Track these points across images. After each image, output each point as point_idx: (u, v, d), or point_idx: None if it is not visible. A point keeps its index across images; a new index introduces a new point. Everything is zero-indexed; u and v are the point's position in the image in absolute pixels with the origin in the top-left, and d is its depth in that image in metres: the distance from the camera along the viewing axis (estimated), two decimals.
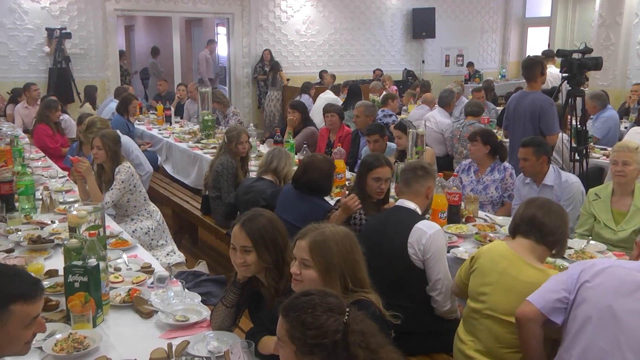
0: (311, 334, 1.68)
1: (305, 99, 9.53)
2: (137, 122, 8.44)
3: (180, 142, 7.23)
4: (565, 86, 5.46)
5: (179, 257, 4.50)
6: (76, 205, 3.93)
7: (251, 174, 5.12)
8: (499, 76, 14.50)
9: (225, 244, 5.13)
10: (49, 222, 3.87)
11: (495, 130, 6.25)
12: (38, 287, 1.89)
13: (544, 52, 10.00)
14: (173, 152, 7.33)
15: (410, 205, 3.16)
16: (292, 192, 3.96)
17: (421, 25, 13.85)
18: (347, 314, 1.72)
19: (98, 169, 4.50)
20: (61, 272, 2.68)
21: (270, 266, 2.41)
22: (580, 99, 5.61)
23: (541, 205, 2.64)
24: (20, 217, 3.91)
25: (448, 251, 3.27)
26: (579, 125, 5.49)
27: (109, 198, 4.31)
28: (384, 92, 9.21)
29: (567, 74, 5.28)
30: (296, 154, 5.83)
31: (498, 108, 9.27)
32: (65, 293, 2.53)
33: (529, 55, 6.53)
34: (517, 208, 2.81)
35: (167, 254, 4.48)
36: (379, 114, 7.31)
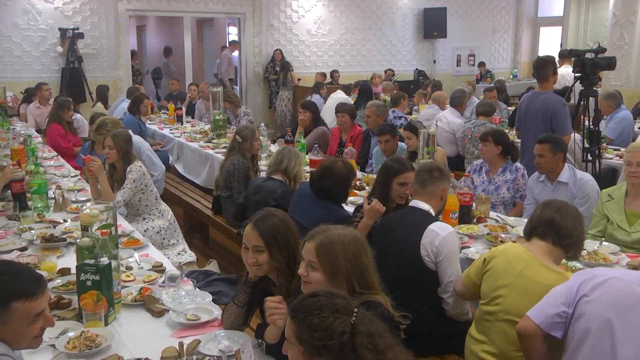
0: (318, 335, 1.67)
1: (316, 98, 9.53)
2: (149, 121, 8.48)
3: (192, 141, 7.25)
4: (578, 86, 5.42)
5: (190, 256, 4.51)
6: (88, 204, 3.95)
7: (261, 174, 5.14)
8: (511, 76, 14.43)
9: (236, 243, 5.13)
10: (62, 221, 3.90)
11: (507, 131, 6.22)
12: (39, 283, 1.88)
13: (560, 53, 9.93)
14: (184, 151, 7.35)
15: (424, 206, 3.14)
16: (308, 194, 3.92)
17: (432, 25, 13.81)
18: (354, 315, 1.72)
19: (110, 169, 4.51)
20: (73, 271, 2.70)
21: (282, 266, 2.41)
22: (593, 99, 5.57)
23: (558, 208, 2.62)
24: (33, 215, 3.94)
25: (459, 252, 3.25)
26: (591, 126, 5.45)
27: (120, 197, 4.33)
28: (379, 92, 9.06)
29: (580, 74, 5.24)
30: (307, 153, 5.83)
31: (510, 108, 9.22)
32: (78, 291, 2.54)
33: (540, 55, 6.49)
34: (532, 210, 2.78)
35: (178, 253, 4.49)
36: (390, 115, 7.29)
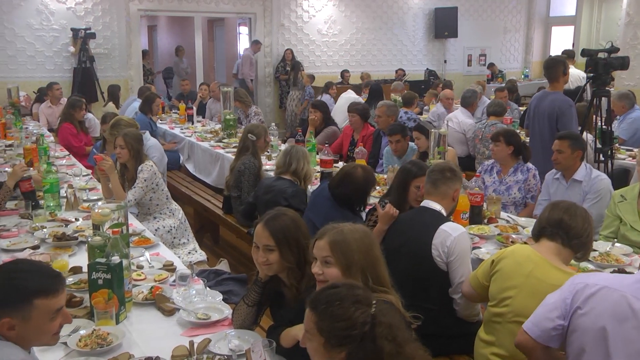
0: (340, 325, 1.69)
1: (326, 98, 9.53)
2: (160, 121, 8.51)
3: (202, 141, 7.27)
4: (591, 86, 5.39)
5: (201, 255, 4.52)
6: (100, 203, 3.97)
7: (269, 173, 5.15)
8: (522, 76, 14.35)
9: (247, 242, 5.14)
10: (73, 220, 3.92)
11: (518, 131, 6.19)
12: (59, 280, 1.94)
13: (565, 52, 9.87)
14: (195, 151, 7.37)
15: (436, 206, 3.13)
16: (327, 195, 3.92)
17: (443, 24, 13.76)
18: (374, 306, 1.73)
19: (121, 168, 4.54)
20: (85, 269, 2.71)
21: (292, 265, 2.42)
22: (605, 99, 5.53)
23: (567, 209, 2.61)
24: (45, 214, 3.96)
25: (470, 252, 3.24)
26: (604, 126, 5.41)
27: (131, 196, 4.34)
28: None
29: (593, 74, 5.21)
30: (317, 153, 5.82)
31: (521, 108, 9.17)
32: (89, 290, 2.56)
33: (551, 55, 6.45)
34: (541, 211, 2.76)
35: (189, 253, 4.51)
36: (402, 116, 7.27)
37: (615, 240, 3.69)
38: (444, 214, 3.15)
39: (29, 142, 5.76)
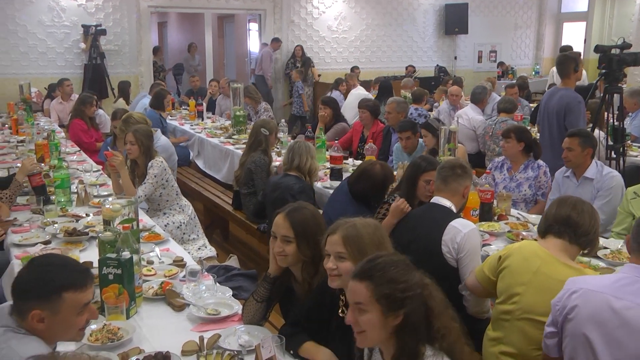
0: (400, 287, 1.76)
1: (336, 94, 9.51)
2: (170, 117, 8.54)
3: (212, 137, 7.28)
4: (602, 82, 5.35)
5: (210, 251, 4.53)
6: (110, 198, 3.99)
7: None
8: (533, 73, 14.26)
9: (256, 239, 5.16)
10: (84, 215, 3.95)
11: (529, 128, 6.16)
12: (87, 275, 1.98)
13: (561, 48, 9.86)
14: (205, 147, 7.39)
15: (446, 203, 3.13)
16: (345, 191, 3.97)
17: (454, 21, 13.70)
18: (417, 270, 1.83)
19: (131, 164, 4.55)
20: (96, 264, 2.72)
21: (307, 260, 2.42)
22: (617, 95, 5.49)
23: (574, 205, 2.59)
24: (56, 209, 3.99)
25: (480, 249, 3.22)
26: (615, 123, 5.37)
27: (141, 192, 4.36)
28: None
29: (605, 70, 5.17)
30: (327, 150, 5.82)
31: (532, 105, 9.12)
32: (100, 285, 2.57)
33: (563, 52, 6.42)
34: (547, 208, 2.75)
35: (199, 248, 4.52)
36: (413, 113, 7.25)
37: None
38: (454, 210, 3.14)
39: (40, 138, 5.80)
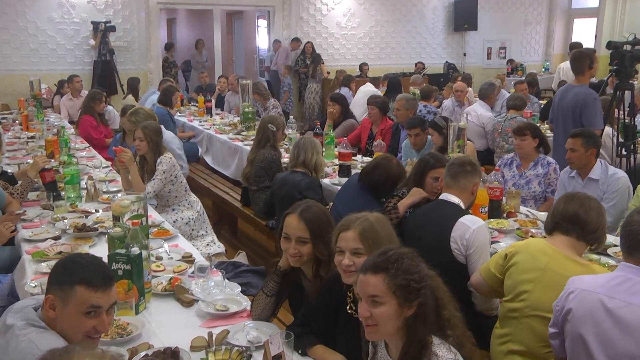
0: (415, 278, 1.81)
1: (345, 91, 9.50)
2: (179, 113, 8.56)
3: (221, 133, 7.29)
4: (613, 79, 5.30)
5: (219, 247, 4.54)
6: (119, 194, 4.00)
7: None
8: (543, 69, 14.17)
9: (265, 235, 5.16)
10: (94, 211, 3.96)
11: (539, 124, 6.12)
12: (105, 281, 1.98)
13: (571, 45, 9.79)
14: (213, 143, 7.40)
15: (454, 199, 3.12)
16: (354, 185, 3.98)
17: (463, 17, 13.64)
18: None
19: (140, 160, 4.57)
20: (105, 260, 2.73)
21: (325, 258, 2.40)
22: (628, 92, 5.44)
23: (582, 202, 2.58)
24: (66, 205, 4.01)
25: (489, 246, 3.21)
26: (626, 120, 5.33)
27: (150, 188, 4.37)
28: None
29: (617, 67, 5.13)
30: (336, 147, 5.81)
31: (541, 102, 9.07)
32: None
33: (573, 49, 6.36)
34: (554, 204, 2.73)
35: (207, 244, 4.53)
36: (422, 110, 7.23)
37: None
38: (463, 207, 3.13)
39: (50, 134, 5.83)
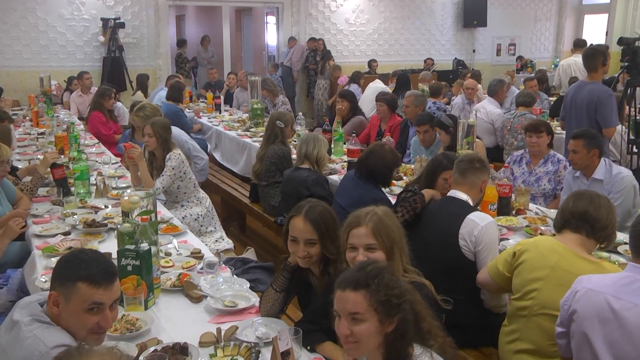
0: (395, 293, 1.76)
1: (354, 88, 9.48)
2: (187, 110, 8.57)
3: (230, 130, 7.30)
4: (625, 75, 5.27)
5: (228, 243, 4.55)
6: (129, 190, 4.02)
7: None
8: (552, 66, 14.06)
9: (273, 231, 5.16)
10: (103, 207, 3.98)
11: (548, 121, 6.08)
12: (108, 277, 1.98)
13: (574, 42, 9.74)
14: (222, 140, 7.41)
15: (463, 196, 3.11)
16: (352, 177, 4.04)
17: (472, 13, 13.57)
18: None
19: (149, 156, 4.58)
20: (114, 256, 2.74)
21: (334, 257, 2.38)
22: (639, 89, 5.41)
23: (591, 200, 2.56)
24: (76, 201, 4.03)
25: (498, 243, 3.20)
26: (637, 117, 5.29)
27: (159, 184, 4.38)
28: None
29: (628, 63, 5.09)
30: (344, 143, 5.81)
31: (551, 99, 9.02)
32: (119, 276, 2.58)
33: (591, 45, 6.32)
34: (564, 202, 2.71)
35: (216, 240, 4.54)
36: (431, 106, 7.21)
37: None
38: (471, 204, 3.12)
39: (60, 130, 5.86)
